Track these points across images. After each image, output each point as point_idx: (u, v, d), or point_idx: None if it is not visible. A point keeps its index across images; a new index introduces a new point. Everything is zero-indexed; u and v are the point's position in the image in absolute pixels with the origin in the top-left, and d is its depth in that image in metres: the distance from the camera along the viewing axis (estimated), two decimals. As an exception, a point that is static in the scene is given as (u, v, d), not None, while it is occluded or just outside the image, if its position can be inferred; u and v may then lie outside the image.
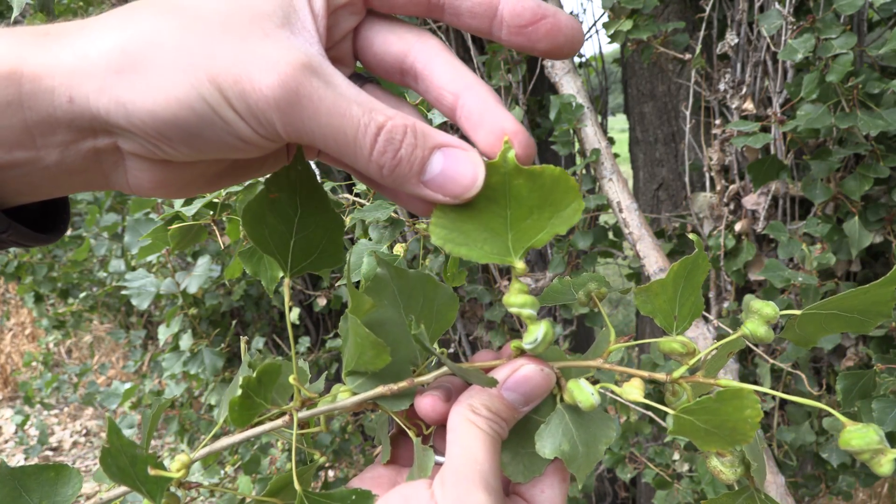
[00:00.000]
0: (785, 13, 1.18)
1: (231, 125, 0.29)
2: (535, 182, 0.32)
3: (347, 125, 0.29)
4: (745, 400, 0.30)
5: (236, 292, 1.90)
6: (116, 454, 0.30)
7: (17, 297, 4.01)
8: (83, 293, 2.47)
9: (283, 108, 0.28)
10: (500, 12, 0.31)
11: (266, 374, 0.35)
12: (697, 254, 0.36)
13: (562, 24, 0.31)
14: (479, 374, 0.35)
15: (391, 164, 0.30)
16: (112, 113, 0.28)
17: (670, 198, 1.72)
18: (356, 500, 0.34)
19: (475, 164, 0.31)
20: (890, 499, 2.08)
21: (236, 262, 0.88)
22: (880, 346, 1.22)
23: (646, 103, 1.71)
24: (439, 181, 0.31)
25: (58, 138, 0.29)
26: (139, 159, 0.31)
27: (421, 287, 0.40)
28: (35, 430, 3.25)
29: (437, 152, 0.31)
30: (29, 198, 0.32)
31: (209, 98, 0.28)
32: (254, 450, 1.74)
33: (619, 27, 1.36)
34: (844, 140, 1.18)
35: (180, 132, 0.29)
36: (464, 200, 0.32)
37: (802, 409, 1.34)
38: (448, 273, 0.81)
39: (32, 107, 0.28)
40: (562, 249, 1.47)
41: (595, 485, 1.75)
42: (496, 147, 0.31)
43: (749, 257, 1.32)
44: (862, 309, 0.35)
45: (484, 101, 0.32)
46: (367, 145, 0.30)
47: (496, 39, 0.32)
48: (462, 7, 0.32)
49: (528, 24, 0.31)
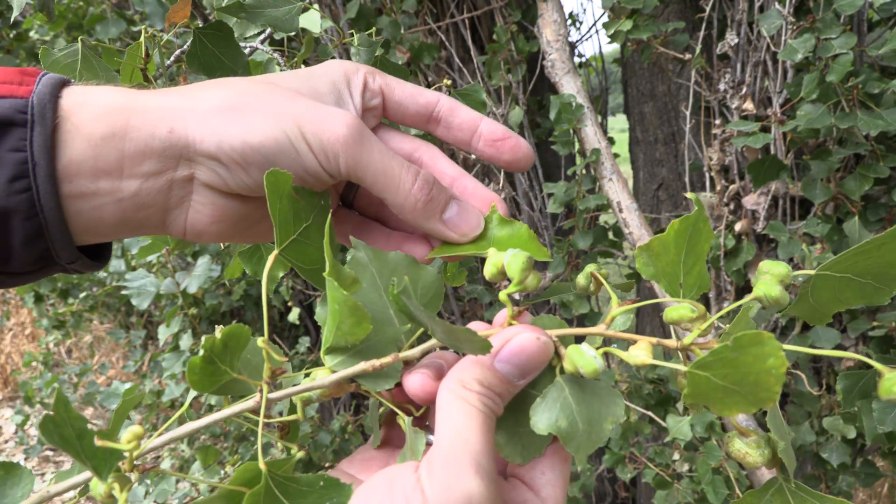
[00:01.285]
0: (785, 13, 1.18)
1: (302, 156, 0.37)
2: (512, 229, 0.41)
3: (395, 164, 0.39)
4: (767, 346, 0.26)
5: (236, 292, 1.90)
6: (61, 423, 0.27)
7: (17, 297, 4.01)
8: (83, 293, 2.47)
9: (349, 144, 0.37)
10: (480, 130, 0.43)
11: (232, 337, 0.32)
12: (697, 214, 0.33)
13: (521, 144, 0.43)
14: (470, 335, 0.31)
15: (425, 198, 0.39)
16: (206, 140, 0.35)
17: (670, 198, 1.72)
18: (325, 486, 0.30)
19: (479, 215, 0.42)
20: (890, 499, 2.08)
21: (236, 262, 0.88)
22: (880, 346, 1.22)
23: (646, 103, 1.71)
24: (455, 221, 0.41)
25: (144, 168, 0.35)
26: (208, 191, 0.38)
27: (402, 269, 0.37)
28: (35, 430, 3.25)
29: (453, 201, 0.41)
30: (90, 238, 0.37)
31: (291, 135, 0.36)
32: (254, 450, 1.74)
33: (619, 27, 1.36)
34: (844, 140, 1.18)
35: (260, 158, 0.36)
36: (469, 239, 0.41)
37: (803, 409, 1.34)
38: (448, 273, 0.81)
39: (134, 137, 0.35)
40: (562, 249, 1.47)
41: (595, 485, 1.75)
42: (485, 210, 0.43)
43: (749, 257, 1.32)
44: (876, 272, 0.31)
45: (476, 183, 0.43)
46: (409, 181, 0.39)
47: (473, 150, 0.43)
48: (454, 123, 0.43)
49: (499, 140, 0.43)
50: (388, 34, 1.46)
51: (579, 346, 0.33)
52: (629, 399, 1.45)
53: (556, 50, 1.35)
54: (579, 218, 1.42)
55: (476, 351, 0.32)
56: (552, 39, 1.36)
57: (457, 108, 0.43)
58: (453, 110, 0.43)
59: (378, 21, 1.47)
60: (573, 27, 1.86)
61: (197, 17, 0.76)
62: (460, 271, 0.82)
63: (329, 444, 1.83)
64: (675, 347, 0.32)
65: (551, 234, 1.72)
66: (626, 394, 1.46)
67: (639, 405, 1.43)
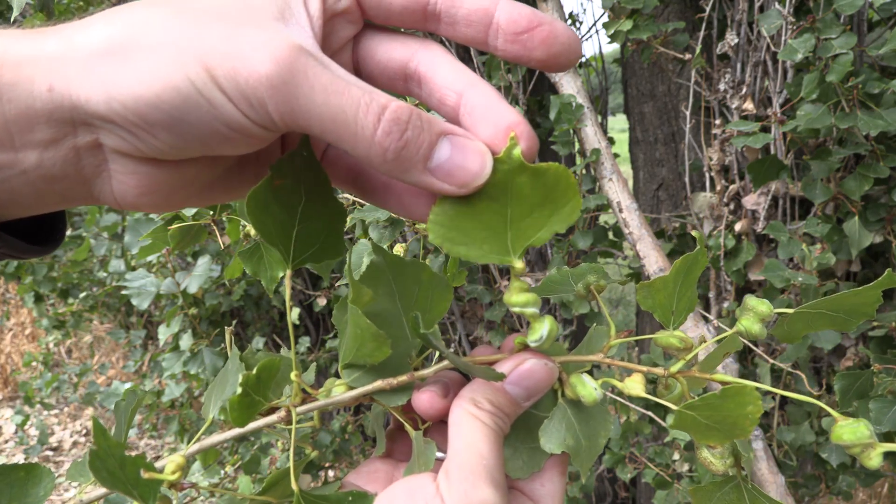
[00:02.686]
0: (785, 13, 1.18)
1: (218, 108, 0.27)
2: (538, 180, 0.31)
3: (347, 104, 0.28)
4: (748, 397, 0.31)
5: (236, 292, 1.90)
6: (105, 457, 0.28)
7: (17, 297, 4.01)
8: (83, 293, 2.47)
9: (275, 85, 0.27)
10: (497, 20, 0.31)
11: (265, 370, 0.34)
12: (698, 251, 0.36)
13: (558, 31, 0.31)
14: (486, 370, 0.34)
15: (396, 146, 0.29)
16: (92, 100, 0.27)
17: (670, 198, 1.72)
18: (353, 501, 0.33)
19: (483, 152, 0.30)
20: (890, 499, 2.08)
21: (236, 262, 0.88)
22: (880, 347, 1.22)
23: (646, 103, 1.71)
24: (446, 168, 0.30)
25: (37, 136, 0.28)
26: (123, 159, 0.30)
27: (416, 275, 0.38)
28: (35, 430, 3.25)
29: (444, 139, 0.30)
30: (12, 211, 0.31)
31: (195, 78, 0.27)
32: (254, 450, 1.74)
33: (619, 27, 1.36)
34: (844, 140, 1.18)
35: (163, 116, 0.27)
36: (471, 190, 0.31)
37: (802, 408, 1.34)
38: (448, 273, 0.81)
39: (12, 98, 0.27)
40: (562, 249, 1.47)
41: (595, 485, 1.75)
42: (500, 142, 0.30)
43: (749, 257, 1.32)
44: (848, 309, 0.36)
45: (488, 97, 0.31)
46: (369, 125, 0.28)
47: (492, 50, 0.32)
48: (458, 15, 0.31)
49: (524, 31, 0.30)
50: (388, 34, 1.46)
51: (582, 377, 0.36)
52: (629, 399, 1.45)
53: (556, 50, 1.35)
54: (579, 218, 1.42)
55: (490, 379, 0.35)
56: (552, 39, 1.36)
57: None
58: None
59: (378, 21, 1.47)
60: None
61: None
62: (460, 271, 0.82)
63: (329, 445, 1.83)
64: (662, 375, 0.36)
65: (551, 234, 1.71)
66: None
67: (639, 405, 1.43)
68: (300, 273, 2.05)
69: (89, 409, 3.59)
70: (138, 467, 0.29)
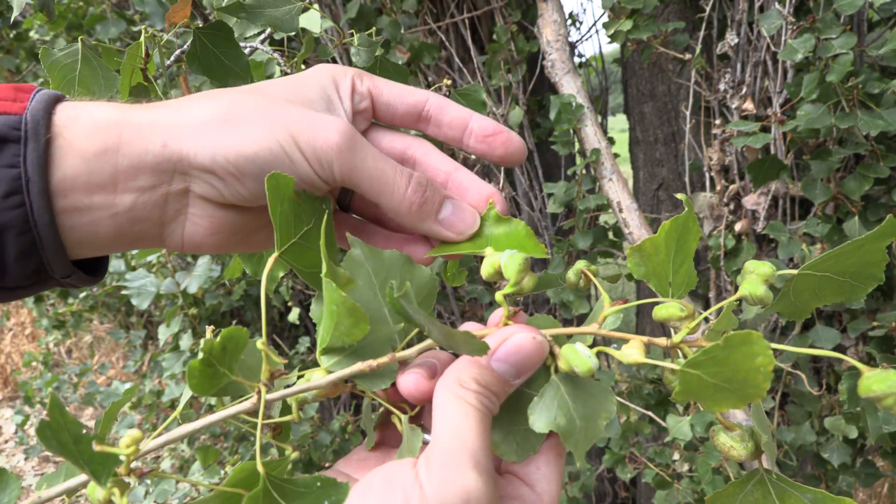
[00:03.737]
0: (785, 13, 1.18)
1: (297, 165, 0.37)
2: (510, 227, 0.42)
3: (388, 169, 0.39)
4: (756, 346, 0.28)
5: (236, 292, 1.90)
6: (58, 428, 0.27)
7: (17, 297, 4.00)
8: (83, 293, 2.47)
9: (342, 151, 0.37)
10: (471, 126, 0.43)
11: (231, 340, 0.32)
12: (687, 214, 0.34)
13: (513, 138, 0.43)
14: (468, 338, 0.32)
15: (420, 201, 0.40)
16: (200, 154, 0.36)
17: (670, 198, 1.72)
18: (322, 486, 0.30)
19: (474, 212, 0.42)
20: (890, 499, 2.08)
21: (236, 262, 0.88)
22: (880, 346, 1.22)
23: (646, 103, 1.71)
24: (450, 220, 0.41)
25: (139, 182, 0.36)
26: (204, 203, 0.38)
27: (397, 268, 0.38)
28: (35, 430, 3.25)
29: (448, 201, 0.42)
30: (85, 251, 0.37)
31: (284, 144, 0.36)
32: (253, 450, 1.74)
33: (619, 27, 1.36)
34: (844, 140, 1.18)
35: (255, 169, 0.36)
36: (465, 238, 0.42)
37: (802, 408, 1.34)
38: (448, 273, 0.81)
39: (127, 153, 0.35)
40: (562, 249, 1.47)
41: (595, 485, 1.75)
42: (482, 206, 0.43)
43: (749, 257, 1.32)
44: (854, 271, 0.33)
45: (470, 176, 0.43)
46: (402, 184, 0.39)
47: (465, 147, 0.43)
48: (444, 121, 0.43)
49: (490, 136, 0.42)
50: (388, 34, 1.46)
51: (574, 346, 0.33)
52: (629, 399, 1.45)
53: (556, 50, 1.35)
54: (579, 218, 1.42)
55: (473, 353, 0.33)
56: (552, 39, 1.36)
57: (446, 106, 0.43)
58: (443, 108, 0.43)
59: (378, 21, 1.47)
60: (573, 27, 1.86)
61: (197, 17, 0.75)
62: (460, 271, 0.82)
63: (329, 444, 1.83)
64: (665, 346, 0.33)
65: (551, 234, 1.72)
66: (626, 394, 1.46)
67: (639, 405, 1.43)
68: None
69: (89, 408, 3.59)
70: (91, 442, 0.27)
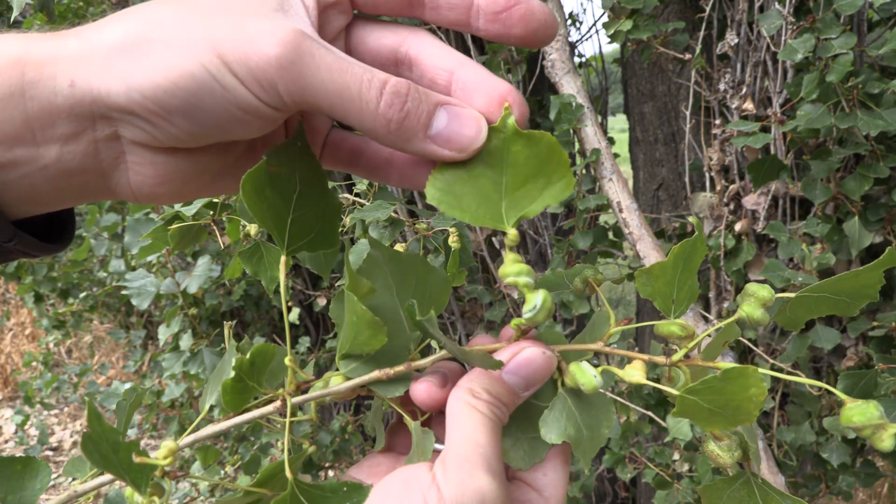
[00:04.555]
0: (785, 13, 1.18)
1: (231, 91, 0.29)
2: (532, 148, 0.33)
3: (351, 80, 0.30)
4: (750, 379, 0.30)
5: (236, 292, 1.90)
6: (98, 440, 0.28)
7: (17, 297, 4.01)
8: (83, 293, 2.47)
9: (284, 66, 0.29)
10: (477, 2, 0.32)
11: (260, 355, 0.34)
12: (697, 237, 0.35)
13: (535, 9, 0.33)
14: (483, 356, 0.34)
15: (399, 116, 0.31)
16: (112, 92, 0.29)
17: (670, 198, 1.72)
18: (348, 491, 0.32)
19: (477, 118, 0.32)
20: (890, 499, 2.08)
21: (236, 262, 0.88)
22: (880, 346, 1.22)
23: (646, 103, 1.71)
24: (445, 135, 0.32)
25: (57, 131, 0.30)
26: (140, 149, 0.32)
27: (413, 269, 0.38)
28: (35, 430, 3.25)
29: (441, 108, 0.32)
30: (31, 207, 0.32)
31: (209, 65, 0.28)
32: (254, 450, 1.74)
33: (619, 27, 1.36)
34: (844, 140, 1.18)
35: (180, 103, 0.29)
36: (469, 154, 0.33)
37: (802, 408, 1.34)
38: (448, 273, 0.81)
39: (34, 95, 0.29)
40: (562, 249, 1.47)
41: (595, 485, 1.75)
42: (495, 112, 0.32)
43: (749, 257, 1.32)
44: (850, 292, 0.35)
45: (479, 72, 0.33)
46: (372, 99, 0.30)
47: (474, 31, 0.33)
48: (440, 2, 0.33)
49: (503, 10, 0.32)
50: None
51: (581, 364, 0.35)
52: (629, 399, 1.45)
53: (556, 50, 1.35)
54: (579, 218, 1.42)
55: (488, 367, 0.34)
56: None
57: None
58: None
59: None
60: (573, 27, 1.86)
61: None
62: (460, 271, 0.82)
63: (329, 444, 1.83)
64: (664, 364, 0.35)
65: (551, 233, 1.72)
66: (627, 394, 1.46)
67: (639, 405, 1.43)
68: (300, 273, 2.04)
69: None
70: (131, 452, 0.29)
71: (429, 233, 0.88)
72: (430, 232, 0.88)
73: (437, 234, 0.87)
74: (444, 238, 0.81)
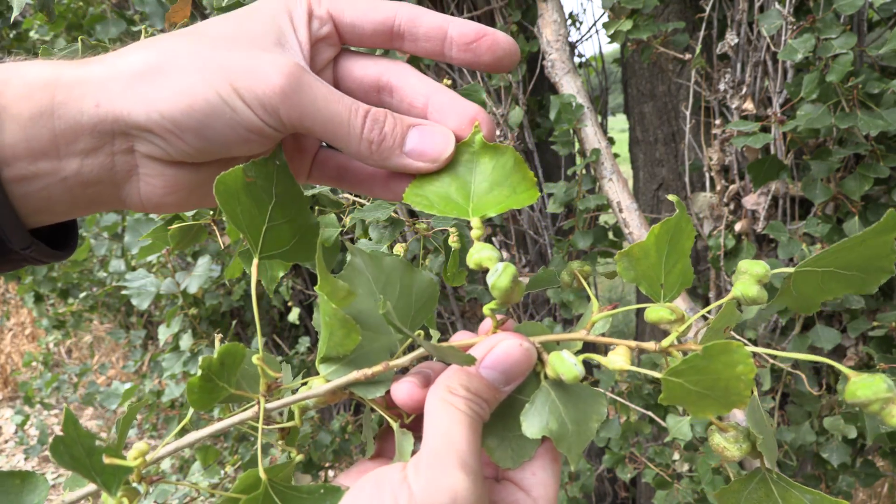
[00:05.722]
0: (785, 13, 1.18)
1: (240, 114, 0.34)
2: (498, 158, 0.37)
3: (341, 110, 0.35)
4: (735, 355, 0.28)
5: (236, 292, 1.90)
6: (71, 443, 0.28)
7: (17, 297, 4.01)
8: (83, 293, 2.47)
9: (287, 95, 0.34)
10: (450, 34, 0.37)
11: (229, 355, 0.33)
12: (679, 216, 0.34)
13: (500, 39, 0.38)
14: (454, 351, 0.33)
15: (378, 139, 0.36)
16: (134, 112, 0.33)
17: (670, 198, 1.72)
18: (324, 493, 0.32)
19: (445, 132, 0.38)
20: (890, 499, 2.08)
21: (236, 262, 0.88)
22: (880, 346, 1.22)
23: (646, 103, 1.71)
24: (418, 150, 0.37)
25: (80, 145, 0.34)
26: (152, 163, 0.36)
27: (397, 274, 0.38)
28: (35, 430, 3.25)
29: (413, 129, 0.37)
30: (45, 217, 0.36)
31: (222, 92, 0.33)
32: (253, 450, 1.74)
33: (619, 27, 1.36)
34: (844, 140, 1.18)
35: (194, 123, 0.33)
36: (441, 164, 0.37)
37: (802, 409, 1.34)
38: (448, 273, 0.80)
39: (62, 115, 0.33)
40: (562, 249, 1.47)
41: (595, 485, 1.75)
42: (465, 129, 0.38)
43: (749, 257, 1.32)
44: (861, 265, 0.33)
45: (451, 96, 0.38)
46: (358, 125, 0.36)
47: (448, 59, 0.38)
48: (419, 33, 0.38)
49: (473, 41, 0.37)
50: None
51: (560, 353, 0.34)
52: (629, 399, 1.45)
53: (556, 50, 1.35)
54: (579, 218, 1.42)
55: (461, 363, 0.34)
56: (552, 39, 1.36)
57: (418, 15, 0.38)
58: (415, 19, 0.38)
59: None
60: (573, 27, 1.86)
61: (197, 17, 0.76)
62: (460, 271, 0.82)
63: (329, 445, 1.83)
64: (654, 350, 0.34)
65: (551, 233, 1.72)
66: (626, 394, 1.46)
67: (639, 405, 1.43)
68: (300, 273, 2.04)
69: (89, 409, 3.59)
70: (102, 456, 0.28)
71: (429, 233, 0.88)
72: (430, 232, 0.88)
73: (437, 235, 0.87)
74: (444, 238, 0.81)
